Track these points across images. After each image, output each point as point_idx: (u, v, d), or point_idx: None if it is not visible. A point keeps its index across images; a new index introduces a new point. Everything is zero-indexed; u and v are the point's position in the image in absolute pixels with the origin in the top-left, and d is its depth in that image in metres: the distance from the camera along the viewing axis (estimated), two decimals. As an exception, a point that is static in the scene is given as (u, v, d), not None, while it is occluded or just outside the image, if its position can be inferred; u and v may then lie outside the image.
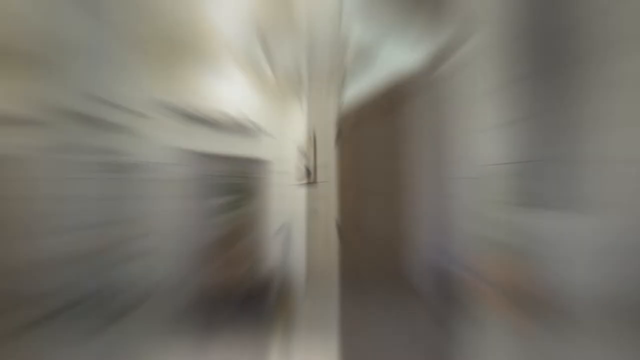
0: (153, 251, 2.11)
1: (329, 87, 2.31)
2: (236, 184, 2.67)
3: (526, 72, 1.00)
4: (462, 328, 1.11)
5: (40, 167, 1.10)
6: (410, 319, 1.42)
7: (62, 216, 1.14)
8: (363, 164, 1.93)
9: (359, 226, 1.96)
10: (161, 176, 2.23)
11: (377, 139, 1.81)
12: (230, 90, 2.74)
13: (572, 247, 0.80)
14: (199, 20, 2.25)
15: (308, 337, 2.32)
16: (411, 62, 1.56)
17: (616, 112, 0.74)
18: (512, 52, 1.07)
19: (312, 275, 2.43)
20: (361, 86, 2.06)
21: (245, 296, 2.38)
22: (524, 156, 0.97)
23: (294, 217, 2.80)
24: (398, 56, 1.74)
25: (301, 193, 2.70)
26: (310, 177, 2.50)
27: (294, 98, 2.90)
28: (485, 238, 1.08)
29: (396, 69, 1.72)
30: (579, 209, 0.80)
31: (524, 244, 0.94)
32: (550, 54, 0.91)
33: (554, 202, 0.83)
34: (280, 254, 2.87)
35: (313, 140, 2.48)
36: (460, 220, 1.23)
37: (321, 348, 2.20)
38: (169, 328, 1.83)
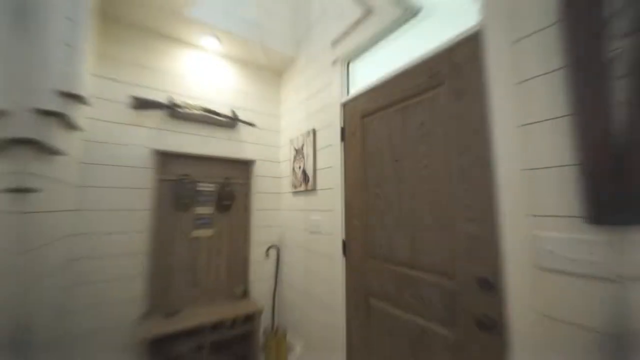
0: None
1: (331, 71, 1.83)
2: (214, 192, 2.13)
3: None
4: None
5: None
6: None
7: None
8: (373, 167, 1.43)
9: (371, 250, 1.44)
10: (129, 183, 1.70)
11: (391, 134, 1.33)
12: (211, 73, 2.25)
13: None
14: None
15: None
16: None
17: None
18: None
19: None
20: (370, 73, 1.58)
21: (229, 335, 1.81)
22: None
23: (288, 235, 2.27)
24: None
25: (297, 203, 2.18)
26: (309, 182, 1.99)
27: (288, 82, 2.42)
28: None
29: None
30: None
31: None
32: None
33: None
34: (269, 285, 2.31)
35: (312, 137, 1.98)
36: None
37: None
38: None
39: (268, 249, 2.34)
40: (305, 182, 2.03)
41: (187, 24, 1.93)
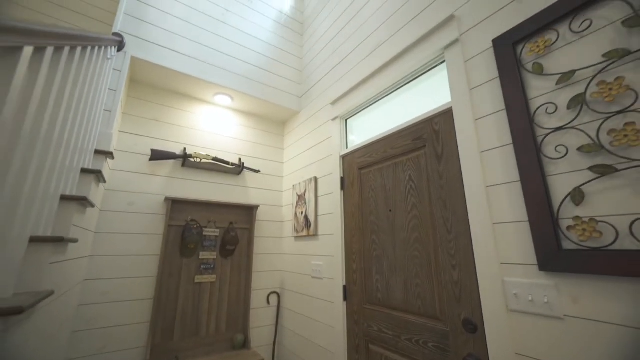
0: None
1: (332, 125, 2.19)
2: (219, 237, 2.35)
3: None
4: None
5: None
6: None
7: None
8: (370, 216, 1.68)
9: (372, 296, 1.62)
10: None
11: (385, 187, 1.60)
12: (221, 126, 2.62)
13: None
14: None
15: None
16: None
17: None
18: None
19: (312, 362, 1.98)
20: (366, 129, 1.93)
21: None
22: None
23: (289, 280, 2.43)
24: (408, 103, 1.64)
25: (299, 248, 2.37)
26: (311, 228, 2.21)
27: (292, 132, 2.78)
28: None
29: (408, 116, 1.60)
30: None
31: None
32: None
33: None
34: (270, 332, 2.41)
35: (314, 184, 2.26)
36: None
37: None
38: None
39: (269, 295, 2.47)
40: (307, 227, 2.26)
41: (204, 85, 2.33)
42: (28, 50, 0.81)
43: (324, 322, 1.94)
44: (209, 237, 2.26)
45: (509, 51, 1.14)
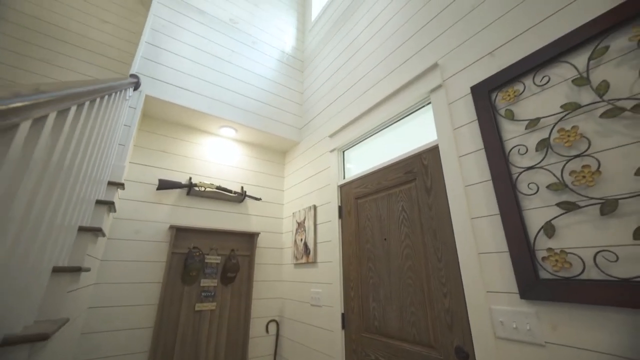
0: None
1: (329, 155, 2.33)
2: (220, 264, 2.41)
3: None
4: None
5: None
6: None
7: None
8: (367, 244, 1.77)
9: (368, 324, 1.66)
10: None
11: (380, 216, 1.71)
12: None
13: None
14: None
15: None
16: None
17: None
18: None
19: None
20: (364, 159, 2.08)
21: None
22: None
23: (288, 308, 2.45)
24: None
25: (299, 275, 2.42)
26: (310, 255, 2.28)
27: (292, 161, 2.93)
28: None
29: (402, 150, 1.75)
30: None
31: None
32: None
33: None
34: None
35: (313, 212, 2.37)
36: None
37: None
38: None
39: (268, 324, 2.48)
40: (307, 254, 2.33)
41: (211, 119, 2.51)
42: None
43: (322, 352, 1.96)
44: (210, 264, 2.33)
45: (485, 97, 1.30)
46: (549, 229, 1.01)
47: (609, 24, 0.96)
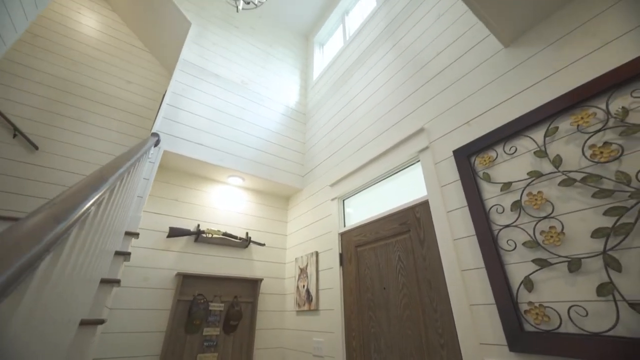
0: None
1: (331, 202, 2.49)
2: (223, 312, 2.45)
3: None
4: None
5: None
6: None
7: None
8: (367, 292, 1.85)
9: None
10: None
11: (379, 265, 1.82)
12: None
13: None
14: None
15: None
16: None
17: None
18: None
19: None
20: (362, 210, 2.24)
21: None
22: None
23: (290, 359, 2.42)
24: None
25: (301, 323, 2.44)
26: (312, 302, 2.33)
27: (295, 207, 3.08)
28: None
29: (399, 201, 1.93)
30: None
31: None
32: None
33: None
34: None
35: (315, 258, 2.46)
36: None
37: None
38: None
39: (269, 376, 2.42)
40: (309, 301, 2.37)
41: (221, 170, 2.73)
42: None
43: (325, 408, 1.92)
44: (214, 311, 2.36)
45: (465, 161, 1.50)
46: (528, 284, 1.13)
47: (555, 110, 1.18)
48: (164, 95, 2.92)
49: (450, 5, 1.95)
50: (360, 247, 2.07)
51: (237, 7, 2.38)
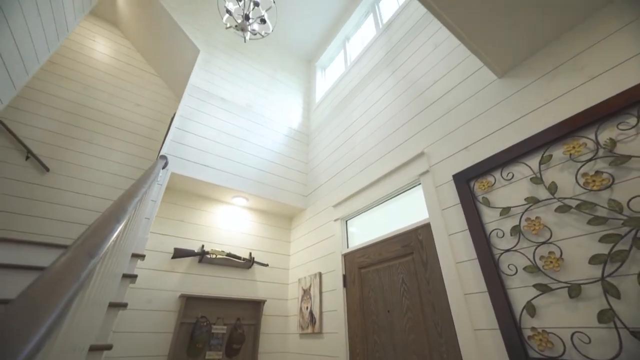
0: None
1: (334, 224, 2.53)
2: (226, 334, 2.42)
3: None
4: None
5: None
6: None
7: None
8: (371, 315, 1.85)
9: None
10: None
11: (383, 287, 1.83)
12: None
13: None
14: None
15: None
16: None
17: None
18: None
19: None
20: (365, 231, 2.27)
21: None
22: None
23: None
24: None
25: (304, 346, 2.40)
26: (316, 325, 2.31)
27: (298, 227, 3.10)
28: None
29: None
30: None
31: None
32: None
33: None
34: None
35: (319, 279, 2.46)
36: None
37: None
38: None
39: (271, 403, 2.36)
40: (312, 323, 2.35)
41: (226, 190, 2.79)
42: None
43: None
44: (216, 334, 2.34)
45: (465, 185, 1.55)
46: (530, 309, 1.14)
47: (548, 139, 1.24)
48: (172, 118, 3.03)
49: (447, 37, 2.07)
50: (364, 268, 2.09)
51: (244, 37, 2.53)
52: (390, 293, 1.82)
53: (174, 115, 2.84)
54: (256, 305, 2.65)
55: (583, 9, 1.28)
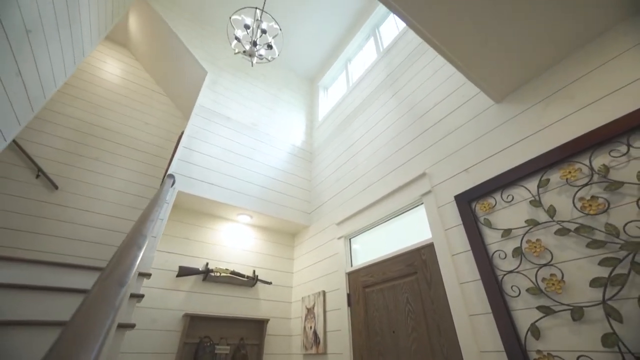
0: None
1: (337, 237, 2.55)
2: (229, 355, 2.40)
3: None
4: None
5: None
6: None
7: None
8: (376, 336, 1.84)
9: None
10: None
11: (387, 307, 1.84)
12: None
13: None
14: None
15: None
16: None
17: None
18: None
19: None
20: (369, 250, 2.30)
21: None
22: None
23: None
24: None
25: (307, 367, 2.37)
26: (320, 345, 2.29)
27: (301, 244, 3.12)
28: None
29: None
30: None
31: None
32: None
33: None
34: None
35: (322, 298, 2.46)
36: None
37: None
38: None
39: None
40: (317, 344, 2.33)
41: (231, 208, 2.83)
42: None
43: None
44: (220, 355, 2.32)
45: (467, 206, 1.59)
46: (535, 331, 1.16)
47: (545, 163, 1.30)
48: (180, 137, 3.12)
49: (445, 63, 2.17)
50: (368, 287, 2.10)
51: (251, 62, 2.65)
52: (395, 313, 1.82)
53: (182, 134, 2.93)
54: (259, 325, 2.63)
55: (575, 40, 1.37)
